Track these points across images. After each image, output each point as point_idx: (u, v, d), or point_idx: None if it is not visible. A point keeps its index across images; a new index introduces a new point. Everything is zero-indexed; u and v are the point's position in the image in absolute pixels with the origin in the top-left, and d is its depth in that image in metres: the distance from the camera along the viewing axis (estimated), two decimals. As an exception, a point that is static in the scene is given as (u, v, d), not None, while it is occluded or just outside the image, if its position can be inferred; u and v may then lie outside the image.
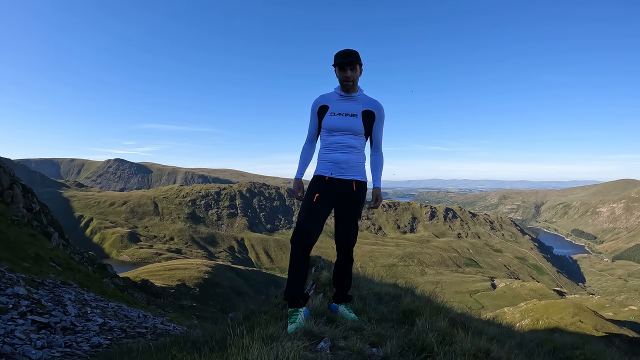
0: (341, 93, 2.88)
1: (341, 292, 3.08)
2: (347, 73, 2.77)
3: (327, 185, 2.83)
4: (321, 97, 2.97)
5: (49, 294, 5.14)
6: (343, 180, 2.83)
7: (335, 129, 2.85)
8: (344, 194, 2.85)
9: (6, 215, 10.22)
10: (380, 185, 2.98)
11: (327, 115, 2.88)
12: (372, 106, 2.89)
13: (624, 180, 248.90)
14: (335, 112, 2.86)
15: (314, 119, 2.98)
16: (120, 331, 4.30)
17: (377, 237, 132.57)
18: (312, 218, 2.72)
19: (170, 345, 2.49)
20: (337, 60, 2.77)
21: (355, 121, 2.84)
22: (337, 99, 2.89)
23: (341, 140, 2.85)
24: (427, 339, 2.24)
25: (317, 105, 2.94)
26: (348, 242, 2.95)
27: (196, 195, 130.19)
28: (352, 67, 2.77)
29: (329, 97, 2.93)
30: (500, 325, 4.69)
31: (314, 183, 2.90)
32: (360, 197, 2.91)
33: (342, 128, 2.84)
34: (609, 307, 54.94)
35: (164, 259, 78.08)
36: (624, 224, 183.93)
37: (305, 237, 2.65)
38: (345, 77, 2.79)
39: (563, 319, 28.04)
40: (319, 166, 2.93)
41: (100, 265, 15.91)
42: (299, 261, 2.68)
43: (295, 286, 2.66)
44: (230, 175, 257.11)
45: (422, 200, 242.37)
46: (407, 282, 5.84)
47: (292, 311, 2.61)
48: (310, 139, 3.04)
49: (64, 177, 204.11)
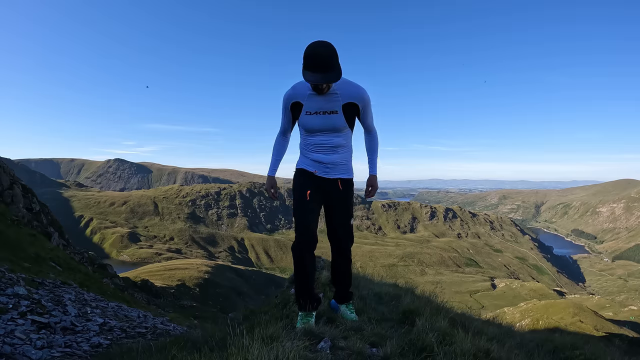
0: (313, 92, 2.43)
1: (341, 291, 2.93)
2: (321, 85, 2.33)
3: (315, 179, 2.61)
4: (292, 90, 2.50)
5: (49, 294, 5.13)
6: (328, 180, 2.61)
7: (314, 130, 2.51)
8: (330, 193, 2.64)
9: (6, 215, 10.22)
10: (376, 173, 2.76)
11: (303, 114, 2.50)
12: (353, 97, 2.47)
13: (624, 180, 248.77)
14: (310, 110, 2.47)
15: (287, 114, 2.60)
16: (120, 331, 4.29)
17: (377, 237, 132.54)
18: (311, 220, 2.55)
19: (170, 345, 2.49)
20: (308, 72, 2.21)
21: (336, 119, 2.47)
22: (311, 95, 2.44)
23: (323, 142, 2.54)
24: (427, 339, 2.24)
25: (289, 102, 2.53)
26: (341, 244, 2.76)
27: (196, 195, 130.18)
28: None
29: (301, 90, 2.47)
30: (500, 325, 4.69)
31: (301, 177, 2.64)
32: (348, 195, 2.69)
33: (322, 128, 2.50)
34: (609, 307, 54.92)
35: (164, 259, 78.11)
36: (624, 224, 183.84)
37: (310, 243, 2.54)
38: (319, 87, 2.35)
39: (563, 319, 28.01)
40: (303, 161, 2.66)
41: (100, 265, 15.90)
42: (307, 265, 2.56)
43: (304, 290, 2.58)
44: (230, 175, 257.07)
45: (422, 200, 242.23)
46: (407, 282, 5.83)
47: (303, 315, 2.58)
48: (283, 131, 2.70)
49: (64, 177, 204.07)
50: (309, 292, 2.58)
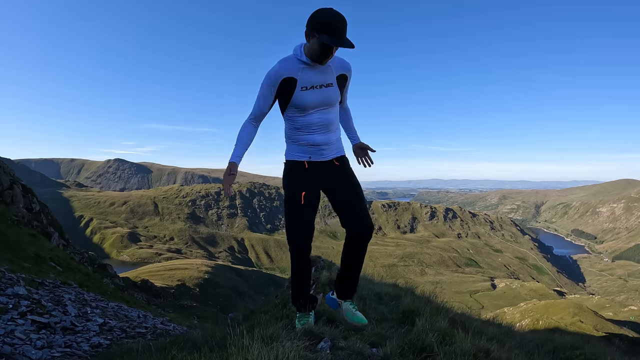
0: (309, 62, 2.23)
1: (349, 287, 2.61)
2: (332, 51, 2.17)
3: (308, 173, 2.39)
4: (281, 65, 2.25)
5: (49, 294, 5.14)
6: (323, 162, 2.41)
7: (311, 106, 2.30)
8: (328, 174, 2.42)
9: (6, 215, 10.22)
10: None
11: (297, 91, 2.26)
12: (344, 69, 2.37)
13: (624, 180, 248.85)
14: (306, 85, 2.26)
15: (269, 94, 2.29)
16: (120, 331, 4.30)
17: (377, 237, 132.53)
18: (308, 228, 2.38)
19: (170, 345, 2.49)
20: (326, 36, 2.05)
21: (332, 91, 2.33)
22: (305, 68, 2.25)
23: (318, 120, 2.34)
24: (427, 339, 2.24)
25: (279, 78, 2.24)
26: (363, 227, 2.39)
27: (196, 195, 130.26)
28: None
29: (292, 65, 2.25)
30: (500, 325, 4.69)
31: (292, 174, 2.41)
32: (348, 169, 2.49)
33: (320, 104, 2.32)
34: (609, 307, 54.97)
35: (164, 259, 78.18)
36: (624, 224, 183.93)
37: (307, 250, 2.42)
38: (330, 54, 2.18)
39: (563, 319, 28.02)
40: (293, 149, 2.41)
41: (100, 265, 15.91)
42: (302, 269, 2.48)
43: (302, 292, 2.55)
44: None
45: (422, 200, 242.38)
46: (407, 282, 5.84)
47: (302, 315, 2.58)
48: (256, 117, 2.37)
49: (64, 177, 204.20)
50: (306, 294, 2.58)
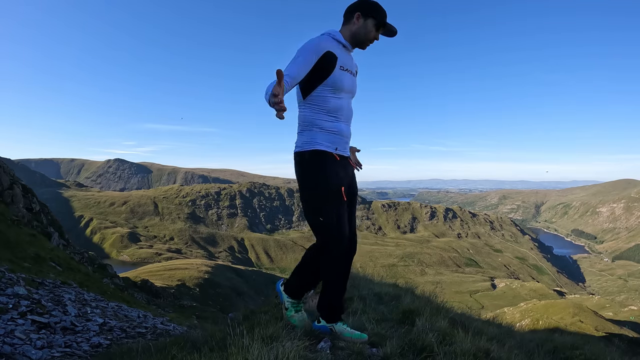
0: (346, 44, 2.17)
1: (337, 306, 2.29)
2: (377, 36, 2.18)
3: (340, 166, 2.17)
4: (325, 39, 2.11)
5: (49, 294, 5.14)
6: (345, 157, 2.24)
7: (345, 89, 2.15)
8: (349, 174, 2.27)
9: (6, 215, 10.22)
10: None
11: (337, 69, 2.09)
12: (356, 65, 2.34)
13: (624, 180, 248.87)
14: (344, 66, 2.13)
15: (309, 63, 1.99)
16: (120, 331, 4.30)
17: (377, 237, 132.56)
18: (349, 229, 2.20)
19: (170, 345, 2.49)
20: (380, 18, 2.11)
21: (356, 82, 2.29)
22: (342, 50, 2.16)
23: (347, 106, 2.20)
24: (427, 339, 2.24)
25: (323, 49, 2.04)
26: (354, 241, 2.31)
27: (196, 195, 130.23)
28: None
29: (331, 42, 2.12)
30: (500, 325, 4.69)
31: (328, 165, 2.10)
32: (354, 175, 2.39)
33: (350, 89, 2.21)
34: (609, 307, 54.98)
35: (164, 259, 78.13)
36: (624, 224, 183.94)
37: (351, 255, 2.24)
38: (375, 38, 2.18)
39: (563, 319, 28.03)
40: (317, 137, 2.12)
41: (100, 265, 15.91)
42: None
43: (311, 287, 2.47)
44: (230, 175, 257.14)
45: (422, 200, 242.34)
46: (407, 282, 5.84)
47: (297, 302, 2.53)
48: (292, 81, 1.90)
49: (64, 177, 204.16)
50: (312, 289, 2.56)
